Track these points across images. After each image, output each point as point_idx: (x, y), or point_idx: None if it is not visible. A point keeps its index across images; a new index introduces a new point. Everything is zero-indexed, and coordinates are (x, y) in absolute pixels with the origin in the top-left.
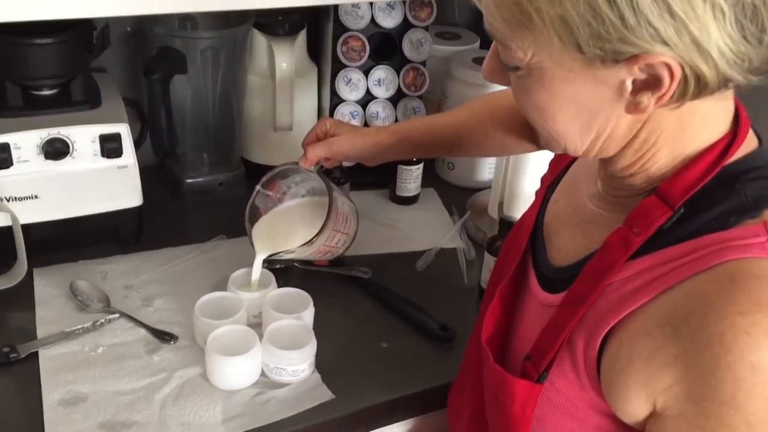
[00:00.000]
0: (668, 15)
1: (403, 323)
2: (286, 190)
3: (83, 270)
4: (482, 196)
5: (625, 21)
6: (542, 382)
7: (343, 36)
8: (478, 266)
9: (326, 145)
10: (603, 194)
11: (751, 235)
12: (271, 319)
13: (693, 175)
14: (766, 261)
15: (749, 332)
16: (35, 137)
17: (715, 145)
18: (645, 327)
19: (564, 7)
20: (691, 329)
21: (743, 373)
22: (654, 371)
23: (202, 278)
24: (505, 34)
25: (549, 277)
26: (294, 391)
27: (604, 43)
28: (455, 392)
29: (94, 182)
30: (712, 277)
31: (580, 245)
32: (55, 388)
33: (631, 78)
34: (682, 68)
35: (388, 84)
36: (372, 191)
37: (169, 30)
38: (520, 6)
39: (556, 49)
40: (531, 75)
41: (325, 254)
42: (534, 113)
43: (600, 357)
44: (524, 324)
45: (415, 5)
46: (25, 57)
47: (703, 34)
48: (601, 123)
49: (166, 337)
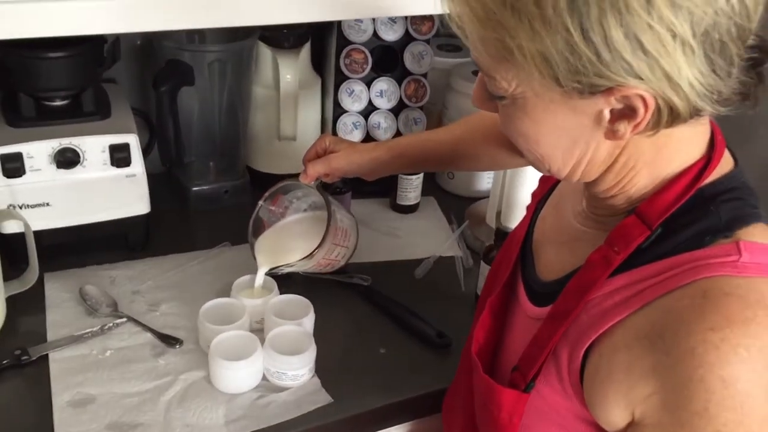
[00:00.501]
0: (640, 51)
1: (401, 330)
2: (288, 204)
3: (92, 275)
4: (481, 206)
5: (601, 57)
6: (529, 391)
7: (346, 49)
8: (476, 275)
9: (325, 162)
10: (587, 213)
11: (724, 254)
12: (272, 325)
13: (670, 197)
14: (738, 279)
15: (719, 347)
16: (47, 147)
17: (691, 167)
18: (624, 340)
19: (543, 44)
20: (666, 343)
21: (714, 386)
22: (632, 382)
23: (207, 284)
24: (490, 67)
25: (537, 291)
26: (294, 394)
27: (581, 77)
28: (449, 398)
29: (103, 190)
30: (686, 294)
31: (565, 261)
32: (65, 389)
33: (608, 108)
34: (655, 100)
35: (389, 95)
36: (373, 200)
37: (177, 43)
38: (503, 42)
39: (537, 82)
40: (515, 104)
41: (325, 267)
42: (519, 139)
43: (583, 368)
44: (513, 336)
45: (416, 19)
46: (37, 70)
47: (673, 69)
48: (582, 149)
49: (172, 341)
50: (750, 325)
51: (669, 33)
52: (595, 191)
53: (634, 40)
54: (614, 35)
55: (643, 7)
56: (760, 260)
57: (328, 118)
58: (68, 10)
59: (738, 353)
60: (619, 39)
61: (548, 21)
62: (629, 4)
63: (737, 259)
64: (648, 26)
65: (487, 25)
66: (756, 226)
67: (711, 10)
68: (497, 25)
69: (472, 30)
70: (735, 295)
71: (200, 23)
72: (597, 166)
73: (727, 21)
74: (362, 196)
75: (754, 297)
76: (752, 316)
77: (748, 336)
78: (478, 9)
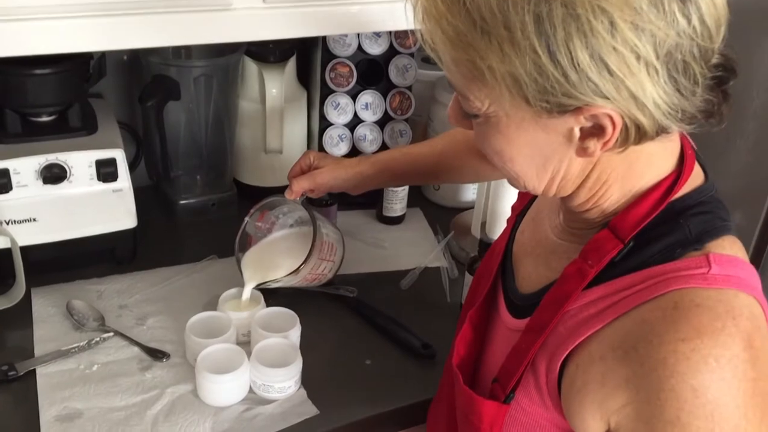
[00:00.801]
0: (606, 72)
1: (387, 341)
2: (275, 220)
3: (79, 290)
4: (466, 217)
5: (568, 78)
6: (509, 403)
7: (332, 62)
8: (461, 285)
9: (310, 178)
10: (564, 226)
11: (694, 266)
12: (259, 338)
13: (642, 211)
14: (707, 290)
15: (690, 357)
16: (34, 163)
17: (662, 182)
18: (599, 351)
19: (513, 65)
20: (639, 354)
21: (685, 395)
22: (607, 392)
23: (194, 298)
24: (464, 87)
25: (516, 304)
26: (280, 407)
27: (549, 97)
28: (433, 408)
29: (90, 205)
30: (658, 305)
31: (542, 274)
32: (52, 404)
33: (578, 126)
34: (622, 118)
35: (375, 108)
36: (359, 211)
37: (163, 59)
38: (474, 63)
39: (508, 102)
40: (488, 122)
41: (312, 281)
42: (494, 156)
43: (560, 379)
44: (494, 347)
45: (400, 33)
46: (24, 86)
47: (638, 89)
48: (555, 165)
49: (159, 355)
50: (719, 336)
51: (633, 54)
52: (571, 205)
53: (600, 62)
54: (580, 57)
55: (607, 30)
56: (729, 272)
57: (314, 131)
58: (53, 28)
59: (708, 363)
60: (585, 60)
61: (517, 43)
62: (594, 27)
63: (707, 271)
64: (613, 48)
65: (459, 47)
66: (725, 238)
67: (673, 32)
68: (468, 47)
69: (444, 51)
70: (705, 307)
71: (187, 40)
72: (571, 181)
73: (689, 42)
74: (348, 208)
75: (723, 308)
76: (721, 327)
77: (717, 346)
78: (450, 31)
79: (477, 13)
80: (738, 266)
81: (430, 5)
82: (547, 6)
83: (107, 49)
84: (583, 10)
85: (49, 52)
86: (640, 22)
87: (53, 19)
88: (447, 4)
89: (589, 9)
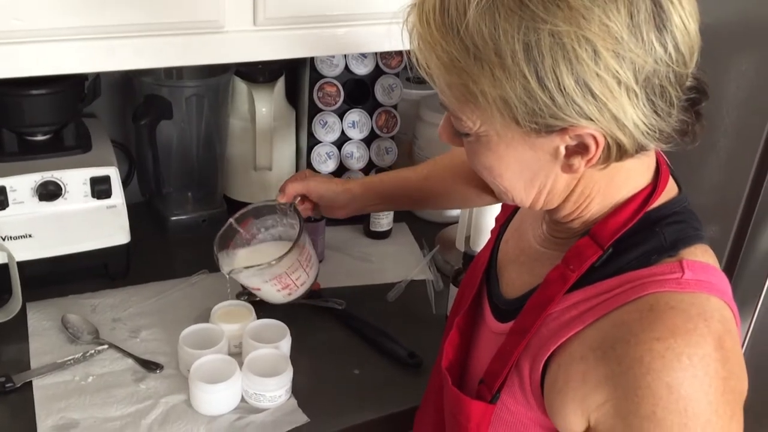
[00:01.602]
0: (590, 96)
1: (375, 351)
2: (256, 232)
3: (74, 304)
4: (450, 231)
5: (555, 101)
6: (495, 402)
7: (319, 82)
8: (446, 297)
9: (303, 182)
10: (546, 235)
11: (668, 271)
12: (250, 349)
13: (620, 220)
14: (681, 294)
15: (664, 356)
16: (30, 180)
17: (639, 194)
18: (580, 352)
19: (504, 89)
20: (617, 353)
21: (660, 391)
22: (587, 391)
23: (186, 311)
24: (456, 108)
25: (501, 308)
26: (272, 415)
27: (538, 119)
28: (420, 415)
29: (84, 222)
30: (635, 308)
31: (526, 280)
32: (49, 415)
33: (563, 145)
34: (605, 138)
35: (361, 126)
36: (347, 226)
37: (155, 79)
38: (467, 87)
39: (499, 123)
40: (479, 141)
41: (284, 288)
42: (484, 172)
43: (543, 379)
44: (479, 351)
45: (385, 54)
46: (20, 106)
47: (620, 111)
48: (542, 180)
49: (152, 367)
50: (692, 336)
51: (615, 80)
52: (556, 217)
53: (584, 86)
54: (566, 82)
55: (591, 58)
56: (701, 277)
57: (302, 148)
58: (49, 50)
59: (681, 361)
60: (570, 85)
61: (507, 69)
62: (579, 55)
63: (680, 276)
64: (596, 74)
65: (453, 72)
66: (698, 246)
67: (651, 60)
68: (461, 72)
69: (438, 75)
70: (678, 309)
71: (180, 61)
72: (557, 195)
73: (665, 68)
74: (336, 223)
75: (696, 310)
76: (693, 328)
77: (690, 345)
78: (444, 58)
79: (470, 41)
80: (709, 272)
81: (425, 32)
82: (536, 35)
83: (102, 69)
84: (568, 40)
85: (46, 74)
86: (621, 50)
87: (49, 42)
88: (441, 32)
89: (574, 38)
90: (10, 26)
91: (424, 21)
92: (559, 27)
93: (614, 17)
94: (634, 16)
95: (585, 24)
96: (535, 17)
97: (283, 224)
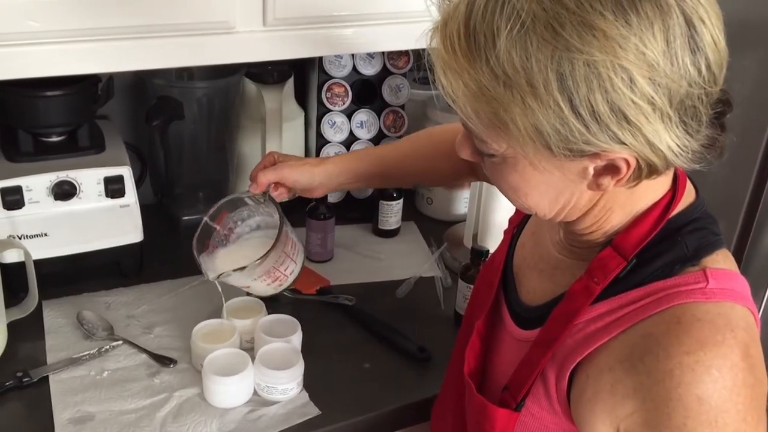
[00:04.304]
0: (625, 122)
1: (385, 346)
2: (233, 226)
3: (88, 301)
4: (458, 229)
5: (589, 128)
6: (519, 410)
7: (328, 83)
8: (454, 293)
9: (276, 170)
10: (564, 243)
11: (693, 281)
12: (262, 343)
13: (642, 230)
14: (707, 305)
15: (694, 369)
16: (45, 180)
17: (659, 202)
18: (607, 363)
19: (536, 117)
20: (646, 366)
21: (691, 403)
22: (616, 401)
23: (199, 308)
24: (482, 132)
25: (522, 315)
26: (284, 408)
27: (570, 145)
28: (437, 415)
29: (98, 220)
30: (662, 320)
31: (547, 288)
32: (65, 408)
33: (593, 165)
34: (637, 160)
35: (369, 126)
36: (356, 225)
37: (167, 81)
38: (497, 115)
39: (530, 149)
40: (505, 162)
41: (274, 281)
42: (508, 191)
43: (569, 388)
44: (501, 357)
45: (393, 54)
46: (35, 108)
47: (654, 136)
48: (567, 197)
49: (166, 361)
50: (720, 348)
51: (650, 106)
52: (574, 229)
53: (619, 113)
54: (601, 110)
55: (626, 86)
56: (725, 285)
57: (311, 148)
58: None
59: (711, 373)
60: (605, 112)
61: (540, 97)
62: (614, 83)
63: (705, 286)
64: (631, 101)
65: (481, 100)
66: (719, 252)
67: (685, 83)
68: (491, 100)
69: (465, 103)
70: (705, 321)
71: (191, 61)
72: (578, 210)
73: (698, 90)
74: (346, 222)
75: (722, 321)
76: (722, 340)
77: (719, 357)
78: (472, 85)
79: (500, 69)
80: (732, 279)
81: (450, 59)
82: (570, 65)
83: (116, 70)
84: (604, 69)
85: (59, 74)
86: (656, 76)
87: (64, 43)
88: (468, 59)
89: (610, 67)
90: (26, 27)
91: (449, 47)
92: (595, 57)
93: (651, 44)
94: (670, 42)
95: (622, 53)
96: (569, 47)
97: (260, 213)
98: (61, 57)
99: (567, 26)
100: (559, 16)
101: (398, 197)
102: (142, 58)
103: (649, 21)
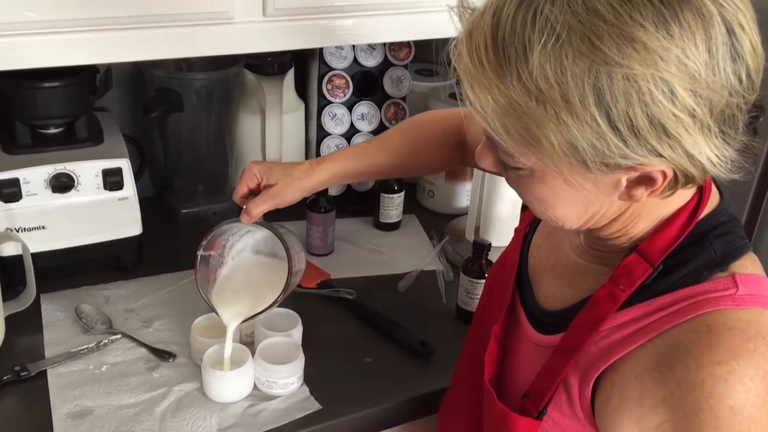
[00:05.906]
0: (664, 135)
1: (386, 340)
2: (225, 243)
3: (87, 295)
4: (460, 222)
5: (627, 143)
6: (541, 418)
7: (328, 74)
8: (456, 287)
9: (269, 199)
10: (586, 247)
11: (722, 288)
12: (262, 337)
13: (669, 235)
14: (737, 312)
15: (727, 379)
16: (43, 172)
17: (686, 206)
18: (634, 371)
19: (571, 132)
20: (676, 376)
21: (723, 414)
22: (644, 411)
23: (198, 302)
24: (511, 147)
25: (540, 320)
26: (284, 402)
27: (607, 159)
28: (446, 413)
29: (97, 213)
30: (692, 328)
31: (567, 293)
32: (63, 402)
33: (626, 177)
34: (674, 171)
35: (370, 118)
36: (357, 218)
37: (166, 72)
38: (528, 130)
39: (563, 164)
40: (533, 175)
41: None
42: (535, 203)
43: (593, 396)
44: (519, 361)
45: (394, 45)
46: (33, 99)
47: (694, 148)
48: (596, 208)
49: (165, 356)
50: (753, 356)
51: (690, 118)
52: (599, 235)
53: (659, 126)
54: (640, 124)
55: (667, 99)
56: (755, 291)
57: (312, 140)
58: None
59: (744, 383)
60: (644, 126)
61: (575, 113)
62: (655, 96)
63: (735, 292)
64: (672, 114)
65: (512, 115)
66: (746, 257)
67: (726, 93)
68: (523, 116)
69: (494, 118)
70: (737, 329)
71: (190, 52)
72: (606, 219)
73: (738, 99)
74: (346, 216)
75: (754, 329)
76: (753, 348)
77: (751, 366)
78: (502, 100)
79: (532, 84)
80: (761, 284)
81: (478, 73)
82: (608, 79)
83: (114, 61)
84: (644, 82)
85: (56, 65)
86: (698, 88)
87: (61, 33)
88: (498, 74)
89: (650, 80)
90: (23, 18)
91: (476, 61)
92: (635, 70)
93: (693, 55)
94: (712, 52)
95: (663, 65)
96: (607, 60)
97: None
98: (59, 48)
99: (605, 39)
100: (596, 28)
101: (399, 190)
102: (140, 49)
103: (692, 31)
